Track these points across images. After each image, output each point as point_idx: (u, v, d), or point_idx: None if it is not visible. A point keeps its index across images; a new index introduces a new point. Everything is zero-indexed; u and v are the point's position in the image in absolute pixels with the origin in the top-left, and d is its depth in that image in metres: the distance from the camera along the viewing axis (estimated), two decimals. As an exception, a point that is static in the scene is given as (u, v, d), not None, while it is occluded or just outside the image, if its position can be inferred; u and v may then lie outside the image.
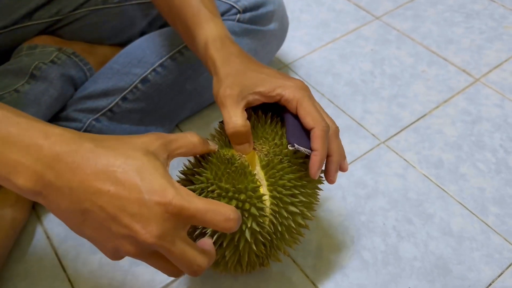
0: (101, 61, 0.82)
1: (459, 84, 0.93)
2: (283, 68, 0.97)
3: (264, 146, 0.53)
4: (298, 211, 0.52)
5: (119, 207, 0.37)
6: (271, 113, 0.57)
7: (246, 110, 0.52)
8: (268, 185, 0.51)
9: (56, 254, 0.69)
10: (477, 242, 0.69)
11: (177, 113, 0.82)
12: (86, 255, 0.68)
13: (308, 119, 0.50)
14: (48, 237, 0.71)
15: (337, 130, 0.54)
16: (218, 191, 0.49)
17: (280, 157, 0.52)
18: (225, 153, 0.52)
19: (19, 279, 0.66)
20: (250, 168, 0.51)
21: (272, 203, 0.51)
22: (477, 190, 0.76)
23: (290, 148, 0.51)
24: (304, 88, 0.52)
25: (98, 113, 0.74)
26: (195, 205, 0.39)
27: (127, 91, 0.74)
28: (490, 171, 0.78)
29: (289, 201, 0.51)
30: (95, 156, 0.38)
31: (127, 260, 0.68)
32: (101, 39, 0.84)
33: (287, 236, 0.54)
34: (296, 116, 0.53)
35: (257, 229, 0.50)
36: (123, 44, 0.85)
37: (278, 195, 0.51)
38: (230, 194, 0.49)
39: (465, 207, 0.74)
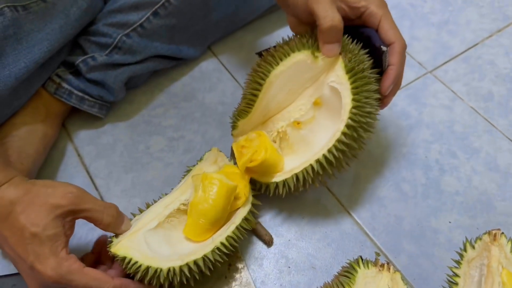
0: (131, -27, 0.76)
1: (516, 12, 0.85)
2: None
3: (347, 54, 0.54)
4: (374, 112, 0.54)
5: (18, 262, 0.48)
6: None
7: None
8: (351, 89, 0.52)
9: (88, 172, 0.68)
10: (524, 180, 0.66)
11: (210, 32, 0.78)
12: (119, 174, 0.67)
13: (390, 33, 0.53)
14: (79, 155, 0.70)
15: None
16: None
17: (363, 65, 0.53)
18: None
19: (52, 195, 0.66)
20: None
21: (354, 106, 0.52)
22: (528, 125, 0.71)
23: (384, 48, 0.53)
24: (386, 6, 0.54)
25: (129, 29, 0.69)
26: (75, 282, 0.47)
27: (158, 5, 0.69)
28: (545, 107, 0.73)
29: (368, 107, 0.53)
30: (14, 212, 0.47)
31: (160, 180, 0.66)
32: None
33: (363, 134, 0.54)
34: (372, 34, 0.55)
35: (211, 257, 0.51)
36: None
37: (359, 99, 0.52)
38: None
39: (514, 143, 0.69)
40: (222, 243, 0.51)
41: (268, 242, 0.60)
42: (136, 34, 0.70)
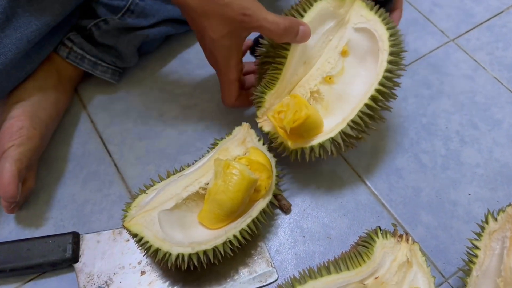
0: None
1: (544, -21, 0.82)
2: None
3: None
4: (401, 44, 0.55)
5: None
6: None
7: None
8: (381, 21, 0.54)
9: (101, 139, 0.67)
10: (547, 152, 0.64)
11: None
12: (132, 141, 0.66)
13: None
14: (92, 121, 0.69)
15: None
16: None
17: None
18: None
19: (65, 161, 0.65)
20: None
21: (391, 34, 0.54)
22: (553, 97, 0.69)
23: None
24: None
25: (142, -9, 0.67)
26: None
27: (172, -34, 0.67)
28: None
29: (399, 38, 0.55)
30: None
31: (174, 148, 0.66)
32: None
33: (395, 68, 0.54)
34: None
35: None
36: None
37: (392, 26, 0.54)
38: None
39: (537, 115, 0.67)
40: (234, 236, 0.50)
41: (287, 210, 0.60)
42: (150, -3, 0.68)
